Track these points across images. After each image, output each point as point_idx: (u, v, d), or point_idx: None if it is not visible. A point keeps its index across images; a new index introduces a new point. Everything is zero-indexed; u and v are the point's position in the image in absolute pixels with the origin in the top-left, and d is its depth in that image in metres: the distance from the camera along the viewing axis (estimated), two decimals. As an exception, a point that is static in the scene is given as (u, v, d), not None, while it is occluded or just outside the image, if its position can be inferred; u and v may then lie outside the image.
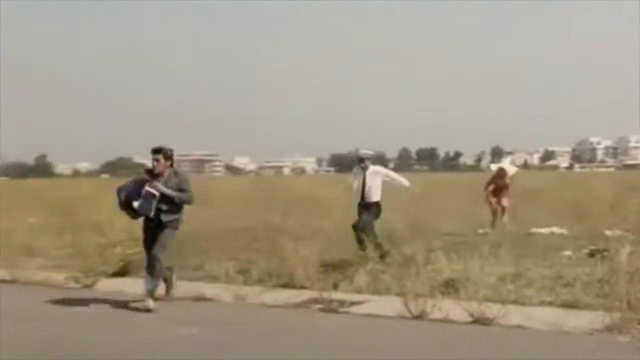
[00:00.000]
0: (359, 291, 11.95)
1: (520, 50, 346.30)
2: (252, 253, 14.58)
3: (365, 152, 15.53)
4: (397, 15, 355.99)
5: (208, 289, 12.33)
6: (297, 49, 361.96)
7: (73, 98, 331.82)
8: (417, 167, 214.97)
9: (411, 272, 11.19)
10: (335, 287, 11.95)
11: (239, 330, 10.06)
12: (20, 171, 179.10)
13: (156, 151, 11.59)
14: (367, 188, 15.13)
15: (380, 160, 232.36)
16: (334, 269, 12.92)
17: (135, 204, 11.28)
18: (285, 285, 12.42)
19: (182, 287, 12.42)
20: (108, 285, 13.37)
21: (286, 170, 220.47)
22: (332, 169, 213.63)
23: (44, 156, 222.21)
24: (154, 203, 11.26)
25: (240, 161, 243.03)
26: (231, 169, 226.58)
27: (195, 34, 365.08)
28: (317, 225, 15.63)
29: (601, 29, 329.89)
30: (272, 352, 8.83)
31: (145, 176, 11.57)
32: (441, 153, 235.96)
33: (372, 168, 15.39)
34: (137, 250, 14.15)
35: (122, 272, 14.13)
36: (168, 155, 11.61)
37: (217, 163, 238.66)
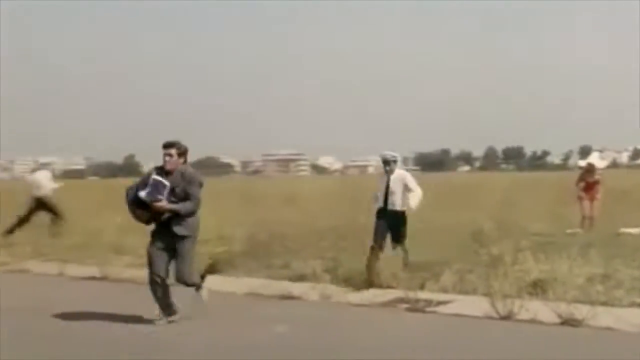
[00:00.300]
0: (445, 291, 11.88)
1: (610, 49, 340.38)
2: (338, 252, 14.60)
3: (390, 153, 13.92)
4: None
5: (295, 287, 12.38)
6: (390, 48, 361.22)
7: (160, 98, 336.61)
8: (503, 166, 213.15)
9: (498, 272, 11.11)
10: (422, 286, 11.91)
11: (326, 328, 10.09)
12: (110, 170, 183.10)
13: (168, 145, 10.11)
14: (390, 194, 13.61)
15: (467, 158, 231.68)
16: (420, 269, 12.87)
17: (142, 193, 9.88)
18: (371, 285, 12.40)
19: (270, 286, 12.53)
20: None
21: (371, 169, 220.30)
22: (417, 168, 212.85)
23: (132, 156, 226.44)
24: (165, 193, 9.86)
25: (326, 160, 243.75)
26: (317, 168, 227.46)
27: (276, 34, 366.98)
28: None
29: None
30: (359, 350, 8.84)
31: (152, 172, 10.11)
32: (528, 152, 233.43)
33: (397, 172, 13.84)
34: (224, 249, 14.36)
35: (209, 270, 14.23)
36: (182, 151, 10.14)
37: (302, 162, 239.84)
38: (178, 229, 10.07)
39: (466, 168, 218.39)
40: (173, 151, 10.04)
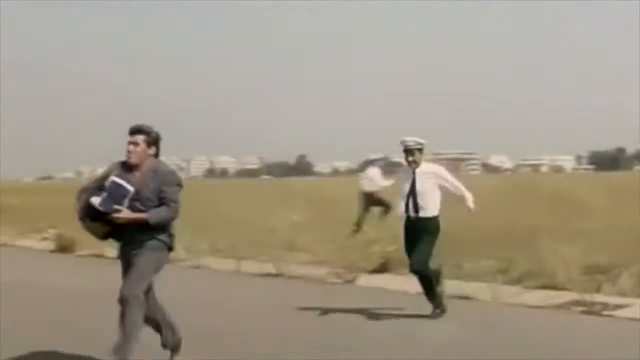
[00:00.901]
0: (622, 294, 11.57)
1: None
2: (511, 252, 14.43)
3: (413, 139, 10.40)
4: None
5: (467, 287, 12.33)
6: (559, 46, 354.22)
7: (326, 98, 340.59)
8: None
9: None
10: (598, 289, 11.65)
11: (498, 329, 10.03)
12: (283, 170, 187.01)
13: (134, 131, 7.54)
14: (418, 196, 10.31)
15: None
16: (597, 271, 12.57)
17: (96, 200, 7.35)
18: (544, 286, 12.21)
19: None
20: (368, 282, 13.67)
21: (544, 169, 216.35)
22: (591, 167, 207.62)
23: (303, 156, 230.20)
24: (126, 201, 7.36)
25: (497, 159, 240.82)
26: (487, 167, 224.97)
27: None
28: (578, 225, 15.26)
29: None
30: (533, 353, 8.76)
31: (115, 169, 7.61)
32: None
33: (425, 165, 10.53)
34: (395, 248, 14.42)
35: (381, 269, 14.38)
36: (153, 139, 7.59)
37: (473, 162, 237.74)
38: (141, 235, 7.47)
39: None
40: (140, 138, 7.51)
